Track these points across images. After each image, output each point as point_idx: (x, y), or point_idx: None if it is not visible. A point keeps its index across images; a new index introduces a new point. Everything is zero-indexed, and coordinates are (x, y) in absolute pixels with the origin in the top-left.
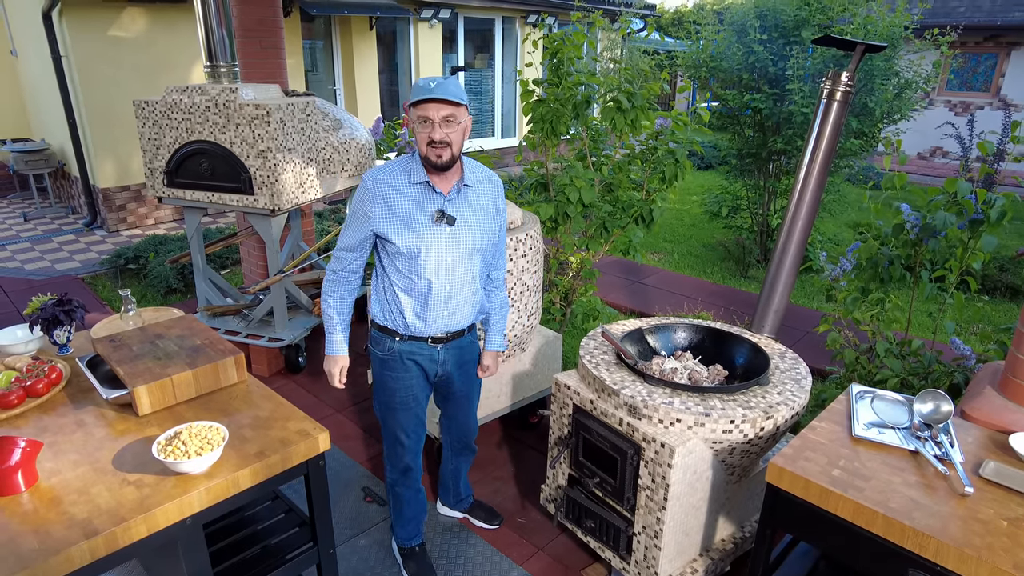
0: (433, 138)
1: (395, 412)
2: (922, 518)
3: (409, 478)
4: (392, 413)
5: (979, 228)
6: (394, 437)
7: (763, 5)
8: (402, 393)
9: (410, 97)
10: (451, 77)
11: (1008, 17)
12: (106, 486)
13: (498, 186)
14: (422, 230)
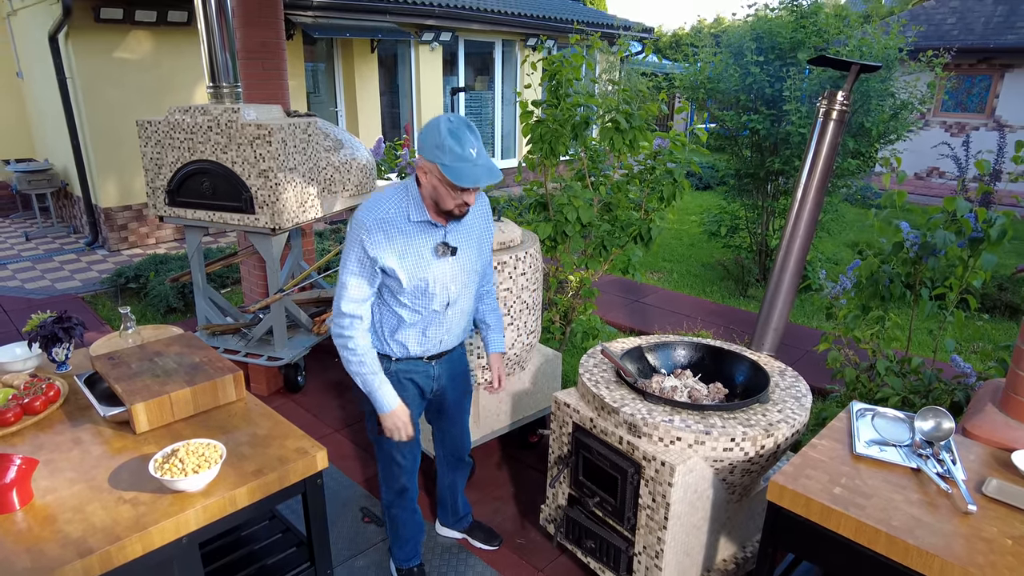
0: (468, 202)
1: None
2: (925, 536)
3: (405, 499)
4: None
5: (979, 246)
6: (390, 458)
7: (759, 28)
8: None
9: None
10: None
11: (1000, 40)
12: (101, 504)
13: (486, 204)
14: (427, 265)
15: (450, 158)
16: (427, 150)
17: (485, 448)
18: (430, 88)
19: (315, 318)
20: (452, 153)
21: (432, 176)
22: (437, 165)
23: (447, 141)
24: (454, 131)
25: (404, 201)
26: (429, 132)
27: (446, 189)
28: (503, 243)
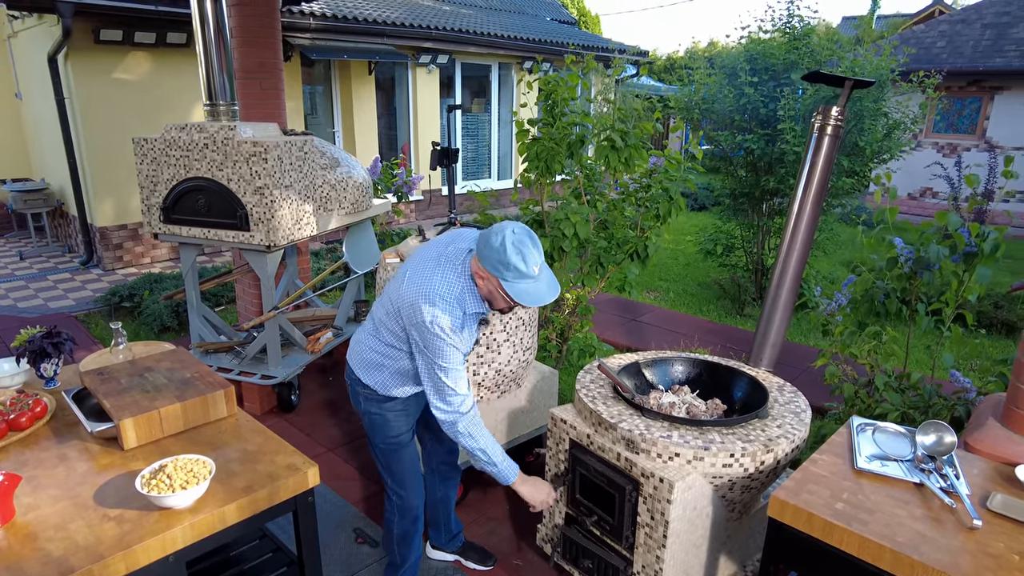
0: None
1: (404, 448)
2: (931, 552)
3: (418, 525)
4: (402, 449)
5: (973, 261)
6: (405, 477)
7: (753, 49)
8: (411, 419)
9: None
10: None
11: (989, 63)
12: (85, 522)
13: None
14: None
15: (513, 275)
16: (489, 263)
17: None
18: (427, 110)
19: (309, 336)
20: (516, 271)
21: (490, 283)
22: (499, 280)
23: (512, 259)
24: (519, 247)
25: (463, 297)
26: (493, 245)
27: (503, 298)
28: None
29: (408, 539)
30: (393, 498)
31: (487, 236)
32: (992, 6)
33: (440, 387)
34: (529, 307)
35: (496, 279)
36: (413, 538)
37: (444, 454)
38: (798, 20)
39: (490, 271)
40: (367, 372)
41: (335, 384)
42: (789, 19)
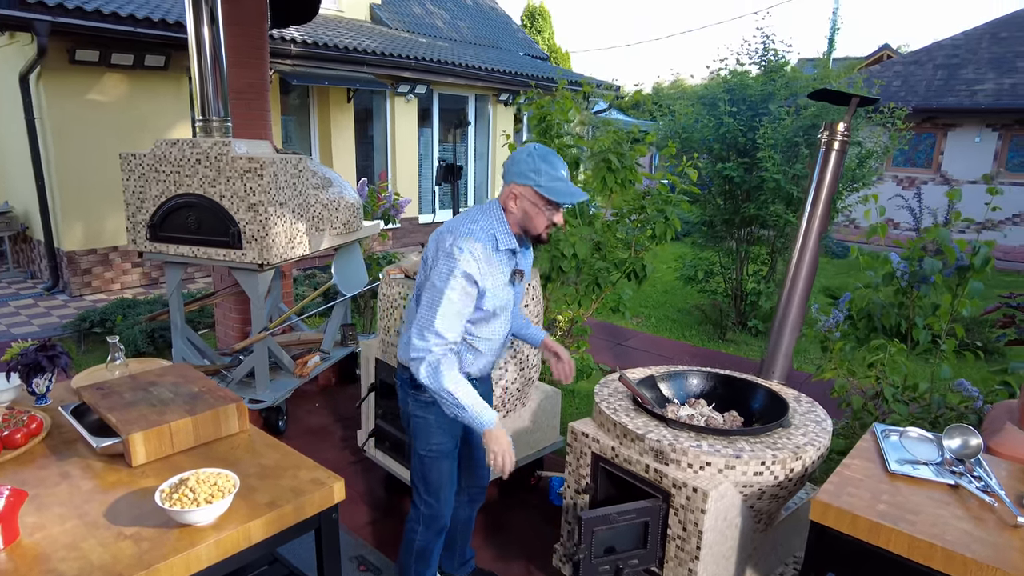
0: (557, 223)
1: (445, 458)
2: (981, 550)
3: (440, 540)
4: (442, 460)
5: (965, 275)
6: (438, 494)
7: (731, 82)
8: (455, 430)
9: (540, 183)
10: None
11: (942, 101)
12: (99, 541)
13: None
14: (503, 292)
15: (546, 179)
16: (519, 175)
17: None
18: (405, 139)
19: (297, 360)
20: (548, 175)
21: (525, 200)
22: (531, 187)
23: (541, 165)
24: (545, 156)
25: (492, 227)
26: (520, 159)
27: (539, 211)
28: None
29: (427, 554)
30: (421, 507)
31: (513, 157)
32: (941, 49)
33: (426, 321)
34: (565, 203)
35: (531, 187)
36: (432, 554)
37: (479, 473)
38: (772, 53)
39: (523, 182)
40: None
41: (322, 410)
42: (764, 52)
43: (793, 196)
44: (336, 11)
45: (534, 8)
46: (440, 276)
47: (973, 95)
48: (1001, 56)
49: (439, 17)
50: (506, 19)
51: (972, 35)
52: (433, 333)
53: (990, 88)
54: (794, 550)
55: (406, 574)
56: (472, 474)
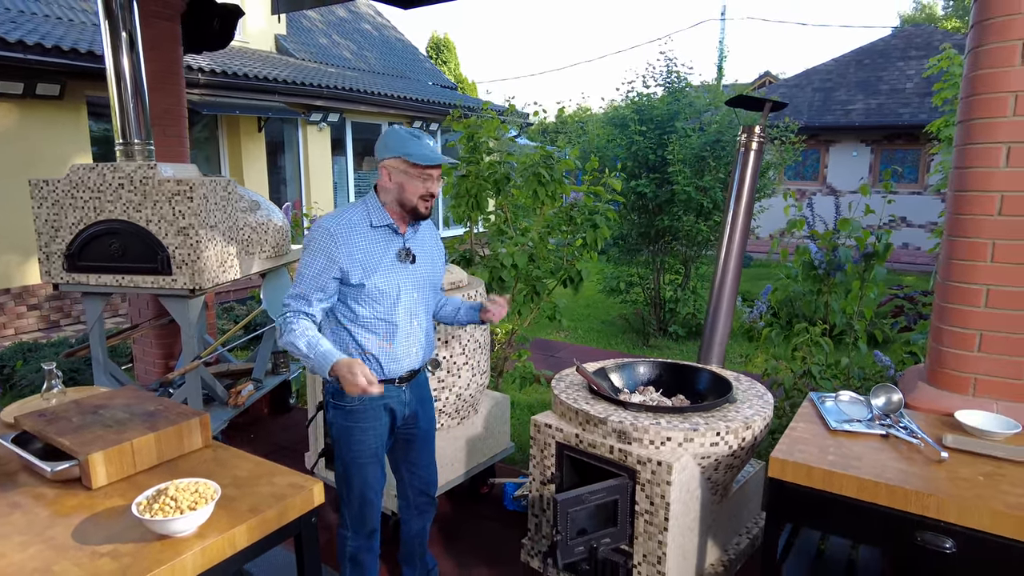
0: (432, 192)
1: (364, 467)
2: (917, 483)
3: (374, 540)
4: (361, 469)
5: (871, 261)
6: (362, 498)
7: (639, 103)
8: (373, 442)
9: (408, 151)
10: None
11: (822, 120)
12: (73, 562)
13: (434, 227)
14: (390, 270)
15: (414, 147)
16: (391, 149)
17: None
18: (319, 168)
19: (230, 390)
20: (414, 143)
21: (397, 172)
22: (402, 157)
23: (409, 138)
24: (412, 132)
25: (365, 209)
26: (391, 136)
27: (411, 179)
28: (453, 283)
29: (361, 560)
30: (346, 513)
31: (382, 138)
32: (817, 74)
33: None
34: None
35: (400, 158)
36: (367, 560)
37: (421, 486)
38: (675, 76)
39: (392, 155)
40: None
41: (259, 441)
42: (668, 74)
43: (703, 206)
44: (241, 42)
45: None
46: (304, 259)
47: (848, 114)
48: (866, 80)
49: (346, 48)
50: (413, 50)
51: (841, 61)
52: (290, 298)
53: (860, 108)
54: (745, 521)
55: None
56: (416, 478)
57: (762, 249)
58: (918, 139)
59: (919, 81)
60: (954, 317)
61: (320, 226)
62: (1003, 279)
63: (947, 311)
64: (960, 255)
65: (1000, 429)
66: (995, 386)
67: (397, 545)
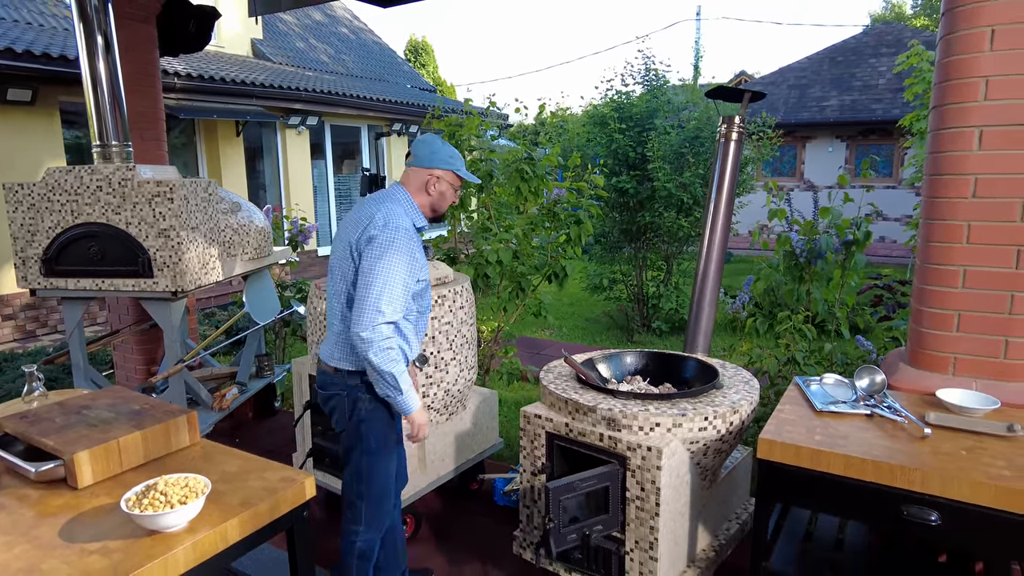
0: (455, 202)
1: (390, 454)
2: (902, 458)
3: (395, 534)
4: (387, 456)
5: (851, 249)
6: (383, 489)
7: (618, 101)
8: (398, 427)
9: (458, 167)
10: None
11: (797, 116)
12: (61, 560)
13: None
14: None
15: (460, 164)
16: (443, 161)
17: (424, 502)
18: (298, 172)
19: (214, 394)
20: (460, 161)
21: (443, 182)
22: (452, 171)
23: (457, 154)
24: (453, 147)
25: (408, 208)
26: (442, 147)
27: (453, 192)
28: (439, 279)
29: (371, 553)
30: (363, 508)
31: (429, 145)
32: (792, 71)
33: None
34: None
35: (451, 172)
36: (374, 552)
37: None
38: (653, 74)
39: (445, 167)
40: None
41: (245, 445)
42: (646, 73)
43: (683, 202)
44: (217, 47)
45: (417, 43)
46: (380, 258)
47: (822, 111)
48: (840, 76)
49: (323, 52)
50: (391, 53)
51: (815, 59)
52: (379, 312)
53: (835, 104)
54: (735, 507)
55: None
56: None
57: (742, 245)
58: (891, 134)
59: (891, 77)
60: (933, 298)
61: (398, 226)
62: (979, 259)
63: (926, 293)
64: (937, 237)
65: (980, 405)
66: (974, 365)
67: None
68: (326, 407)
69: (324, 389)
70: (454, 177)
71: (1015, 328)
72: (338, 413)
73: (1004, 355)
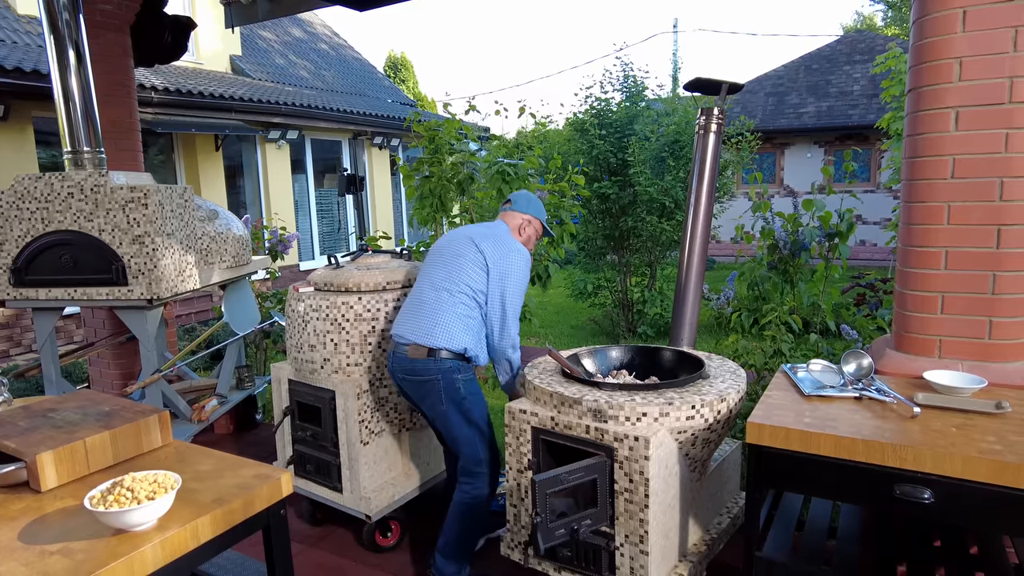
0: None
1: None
2: (893, 437)
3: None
4: (488, 423)
5: (834, 241)
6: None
7: (597, 109)
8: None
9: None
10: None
11: (776, 123)
12: (20, 562)
13: None
14: None
15: (544, 216)
16: (537, 211)
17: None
18: (279, 186)
19: (193, 405)
20: (545, 214)
21: (532, 227)
22: (542, 221)
23: (543, 208)
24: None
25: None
26: (536, 201)
27: (536, 238)
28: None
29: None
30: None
31: (528, 197)
32: (769, 79)
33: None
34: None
35: (541, 222)
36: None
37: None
38: (632, 80)
39: (538, 216)
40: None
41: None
42: (625, 79)
43: (665, 206)
44: (195, 63)
45: (396, 58)
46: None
47: (800, 117)
48: (816, 84)
49: (303, 67)
50: (370, 68)
51: (791, 67)
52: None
53: (812, 111)
54: (726, 501)
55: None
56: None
57: (725, 252)
58: (868, 139)
59: (865, 84)
60: (916, 281)
61: (524, 255)
62: (960, 240)
63: (909, 275)
64: (918, 219)
65: (968, 385)
66: (959, 346)
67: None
68: (417, 392)
69: (415, 375)
70: (540, 225)
71: (998, 308)
72: (434, 396)
73: (988, 335)
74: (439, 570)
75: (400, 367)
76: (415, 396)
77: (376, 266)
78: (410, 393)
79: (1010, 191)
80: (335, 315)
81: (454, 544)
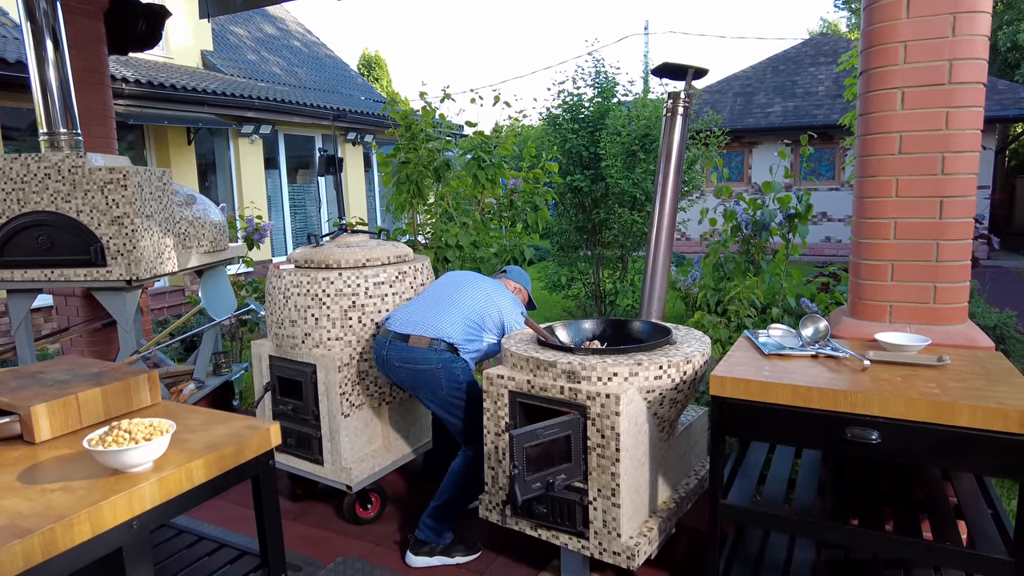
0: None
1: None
2: (845, 385)
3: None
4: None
5: (795, 223)
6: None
7: (567, 103)
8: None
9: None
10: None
11: (744, 122)
12: (22, 497)
13: None
14: None
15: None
16: (524, 282)
17: (387, 481)
18: (252, 181)
19: (171, 390)
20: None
21: (523, 294)
22: (528, 294)
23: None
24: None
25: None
26: (524, 273)
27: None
28: (400, 256)
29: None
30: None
31: (519, 273)
32: (737, 80)
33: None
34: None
35: (527, 294)
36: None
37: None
38: (603, 76)
39: (526, 287)
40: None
41: None
42: (597, 75)
43: (636, 198)
44: (165, 57)
45: (370, 57)
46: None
47: (767, 116)
48: (782, 84)
49: (276, 64)
50: (344, 66)
51: (758, 68)
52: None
53: (779, 110)
54: (694, 464)
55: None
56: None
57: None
58: (832, 138)
59: (829, 85)
60: (868, 251)
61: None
62: (907, 212)
63: (862, 246)
64: (869, 192)
65: (913, 343)
66: (908, 311)
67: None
68: (414, 380)
69: (412, 363)
70: (527, 295)
71: (941, 274)
72: (433, 384)
73: (933, 300)
74: (425, 531)
75: (398, 355)
76: (410, 384)
77: (355, 244)
78: (405, 380)
79: (951, 165)
80: (316, 290)
81: (445, 507)
